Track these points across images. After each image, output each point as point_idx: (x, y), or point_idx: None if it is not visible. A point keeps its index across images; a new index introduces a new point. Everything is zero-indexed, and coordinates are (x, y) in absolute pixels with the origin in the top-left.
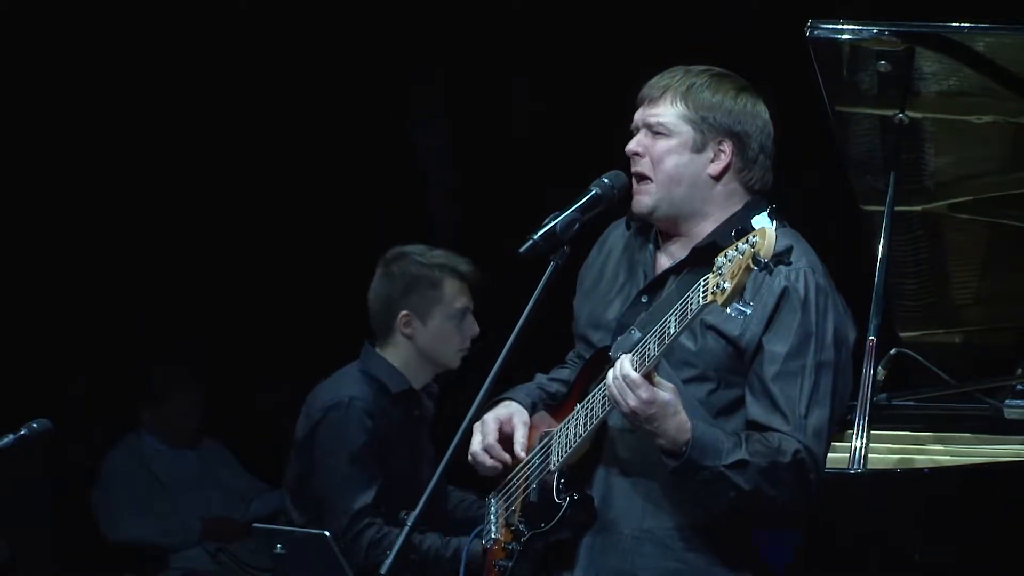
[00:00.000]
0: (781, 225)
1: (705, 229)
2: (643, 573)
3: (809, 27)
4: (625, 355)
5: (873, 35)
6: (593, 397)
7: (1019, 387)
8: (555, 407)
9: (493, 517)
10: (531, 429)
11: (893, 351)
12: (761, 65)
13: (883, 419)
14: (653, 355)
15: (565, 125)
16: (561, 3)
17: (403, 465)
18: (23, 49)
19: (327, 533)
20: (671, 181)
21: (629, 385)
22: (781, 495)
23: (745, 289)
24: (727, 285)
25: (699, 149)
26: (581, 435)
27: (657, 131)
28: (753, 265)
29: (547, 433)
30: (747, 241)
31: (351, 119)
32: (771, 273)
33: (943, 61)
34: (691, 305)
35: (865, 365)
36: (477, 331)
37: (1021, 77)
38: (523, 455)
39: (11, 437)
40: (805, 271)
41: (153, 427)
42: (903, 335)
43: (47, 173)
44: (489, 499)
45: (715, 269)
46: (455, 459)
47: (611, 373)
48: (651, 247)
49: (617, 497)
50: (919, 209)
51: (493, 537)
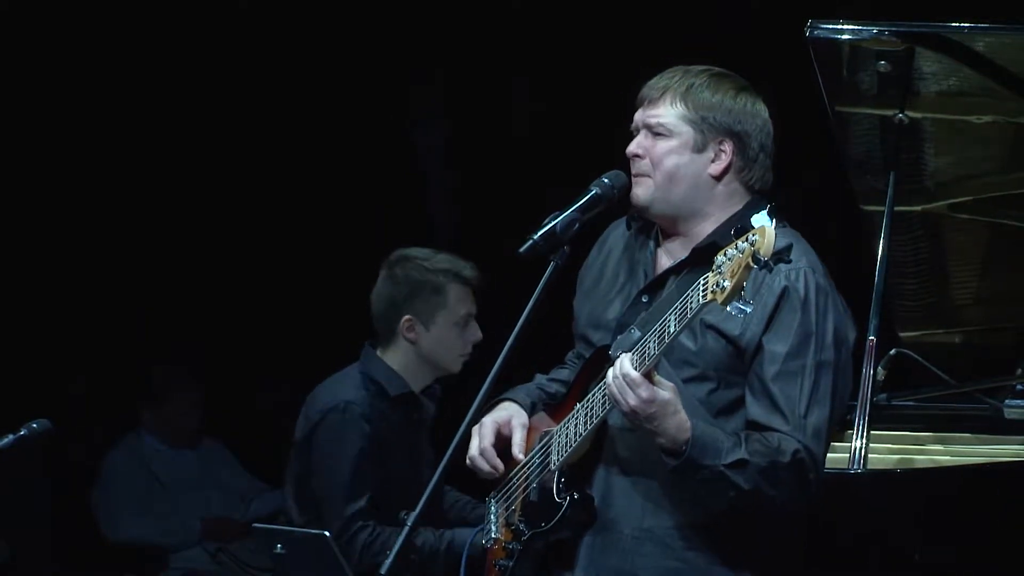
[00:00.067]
0: (781, 224)
1: (706, 229)
2: (643, 572)
3: (809, 27)
4: (625, 354)
5: (873, 35)
6: (593, 396)
7: (1019, 387)
8: (555, 407)
9: (493, 517)
10: (530, 430)
11: (893, 351)
12: (761, 65)
13: (883, 419)
14: (653, 354)
15: (565, 125)
16: (561, 3)
17: (402, 468)
18: (23, 49)
19: (327, 533)
20: (671, 181)
21: (629, 384)
22: (781, 495)
23: (745, 288)
24: (727, 284)
25: (700, 149)
26: (581, 434)
27: (657, 132)
28: (753, 263)
29: (547, 433)
30: (747, 240)
31: (351, 119)
32: (771, 271)
33: (943, 61)
34: (691, 304)
35: (865, 365)
36: (480, 337)
37: (1021, 77)
38: (522, 457)
39: (11, 437)
40: (805, 271)
41: (153, 427)
42: (903, 335)
43: (47, 173)
44: (489, 499)
45: (715, 268)
46: (455, 460)
47: (611, 372)
48: (652, 247)
49: (617, 496)
50: (919, 209)
51: (493, 537)
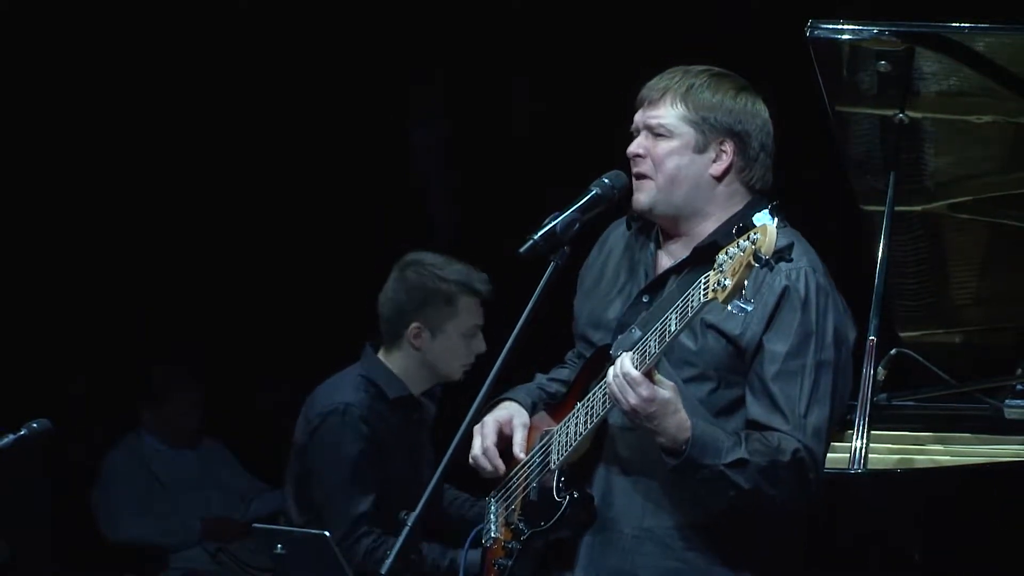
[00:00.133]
0: (782, 224)
1: (707, 229)
2: (643, 572)
3: (809, 27)
4: (626, 353)
5: (873, 35)
6: (594, 395)
7: (1019, 387)
8: (555, 406)
9: (493, 516)
10: (531, 429)
11: (893, 351)
12: (761, 65)
13: (883, 419)
14: (654, 353)
15: (565, 125)
16: (561, 3)
17: (402, 470)
18: (23, 49)
19: (327, 533)
20: (673, 182)
21: (629, 383)
22: (780, 494)
23: (746, 287)
24: (728, 282)
25: (701, 150)
26: (581, 433)
27: (658, 133)
28: (754, 262)
29: (547, 432)
30: (748, 238)
31: (351, 119)
32: (772, 270)
33: (943, 61)
34: (692, 303)
35: (865, 365)
36: (484, 348)
37: (1021, 77)
38: (522, 456)
39: (11, 437)
40: (806, 270)
41: (153, 427)
42: (903, 335)
43: (47, 173)
44: (489, 498)
45: (716, 266)
46: (455, 460)
47: (612, 371)
48: (652, 247)
49: (617, 496)
50: (919, 209)
51: (493, 536)
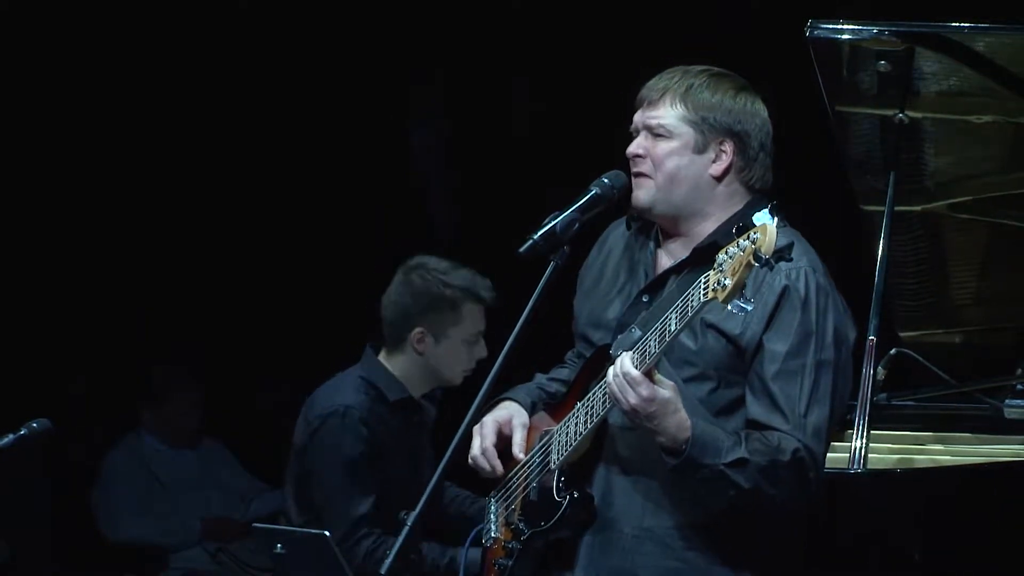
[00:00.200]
0: (782, 224)
1: (706, 229)
2: (643, 572)
3: (809, 27)
4: (626, 352)
5: (873, 35)
6: (594, 395)
7: (1019, 387)
8: (555, 406)
9: (493, 516)
10: (531, 429)
11: (893, 351)
12: (761, 65)
13: (883, 419)
14: (654, 352)
15: (565, 125)
16: (561, 3)
17: (402, 472)
18: (23, 49)
19: (327, 533)
20: (672, 182)
21: (629, 382)
22: (780, 494)
23: (746, 286)
24: (728, 282)
25: (701, 150)
26: (581, 433)
27: (658, 133)
28: (754, 261)
29: (547, 432)
30: (748, 237)
31: (351, 119)
32: (772, 269)
33: (943, 61)
34: (692, 302)
35: (865, 365)
36: (485, 354)
37: (1021, 77)
38: (522, 456)
39: (11, 437)
40: (806, 270)
41: (153, 427)
42: (903, 335)
43: (47, 173)
44: (489, 498)
45: (716, 266)
46: (455, 460)
47: (612, 370)
48: (652, 246)
49: (617, 495)
50: (919, 209)
51: (493, 536)
